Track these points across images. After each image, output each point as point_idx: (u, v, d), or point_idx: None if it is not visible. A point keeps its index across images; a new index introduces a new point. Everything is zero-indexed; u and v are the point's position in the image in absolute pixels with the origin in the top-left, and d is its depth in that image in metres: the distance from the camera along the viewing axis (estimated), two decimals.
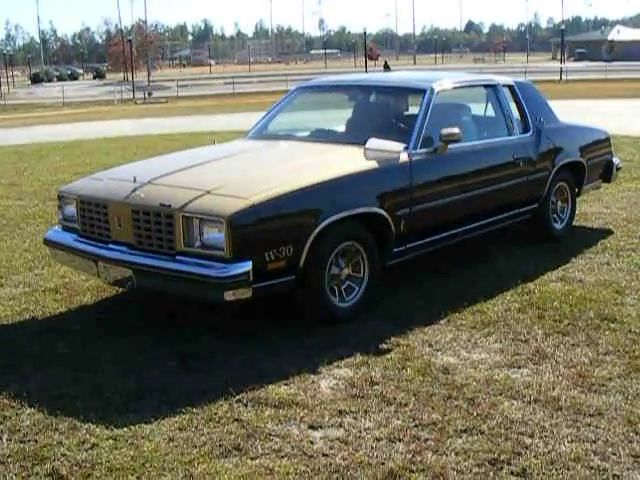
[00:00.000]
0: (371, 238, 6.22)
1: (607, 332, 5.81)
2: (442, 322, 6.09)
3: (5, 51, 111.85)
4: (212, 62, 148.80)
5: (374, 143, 6.45)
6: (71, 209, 6.51)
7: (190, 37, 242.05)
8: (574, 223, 9.05)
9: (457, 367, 5.23)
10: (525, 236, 8.46)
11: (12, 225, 10.18)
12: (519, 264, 7.58)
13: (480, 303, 6.45)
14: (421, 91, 7.09)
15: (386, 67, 60.93)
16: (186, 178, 6.07)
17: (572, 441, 4.21)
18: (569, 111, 20.47)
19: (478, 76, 8.88)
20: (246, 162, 6.69)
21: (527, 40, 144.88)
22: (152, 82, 74.67)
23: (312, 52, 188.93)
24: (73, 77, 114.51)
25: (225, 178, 6.02)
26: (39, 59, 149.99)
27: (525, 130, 7.99)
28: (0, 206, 11.64)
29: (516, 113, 8.04)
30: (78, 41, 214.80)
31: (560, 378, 5.01)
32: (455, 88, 7.57)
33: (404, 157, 6.50)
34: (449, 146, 6.75)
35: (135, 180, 5.96)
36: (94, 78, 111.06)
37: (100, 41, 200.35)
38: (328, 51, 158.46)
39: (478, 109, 8.12)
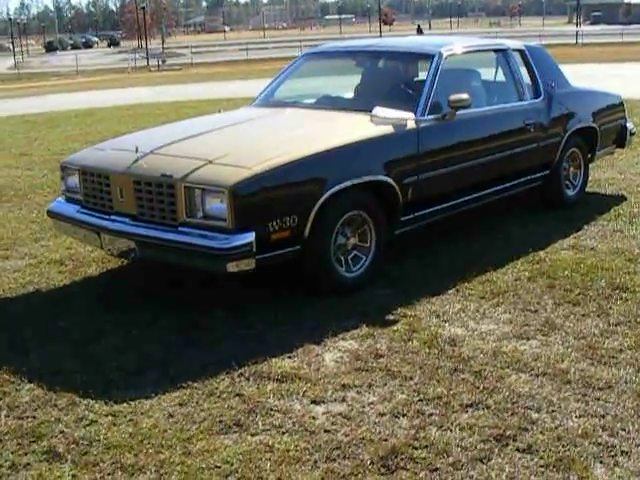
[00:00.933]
0: (378, 207, 6.09)
1: (619, 302, 5.68)
2: (450, 292, 5.97)
3: (19, 20, 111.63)
4: (226, 28, 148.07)
5: (380, 111, 6.31)
6: (74, 180, 6.41)
7: (204, 3, 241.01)
8: (587, 189, 8.89)
9: (464, 339, 5.12)
10: (537, 203, 8.32)
11: (20, 196, 10.11)
12: (530, 232, 7.46)
13: (490, 272, 6.33)
14: (429, 56, 6.92)
15: (419, 32, 60.44)
16: (189, 147, 5.96)
17: (580, 416, 4.09)
18: (584, 75, 20.26)
19: (488, 40, 8.70)
20: (250, 130, 6.57)
21: (543, 3, 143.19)
22: (166, 49, 74.39)
23: (327, 17, 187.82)
24: (87, 45, 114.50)
25: (228, 147, 5.90)
26: (54, 28, 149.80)
27: (536, 95, 7.83)
28: (9, 176, 11.57)
29: (527, 78, 7.87)
30: (92, 9, 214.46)
31: (569, 350, 4.89)
32: (464, 53, 7.39)
33: (411, 124, 6.36)
34: (458, 112, 6.60)
35: (137, 150, 5.85)
36: (108, 46, 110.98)
37: (114, 9, 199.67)
38: (343, 16, 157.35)
39: (488, 74, 7.95)
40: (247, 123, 6.82)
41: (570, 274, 6.25)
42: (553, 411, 4.15)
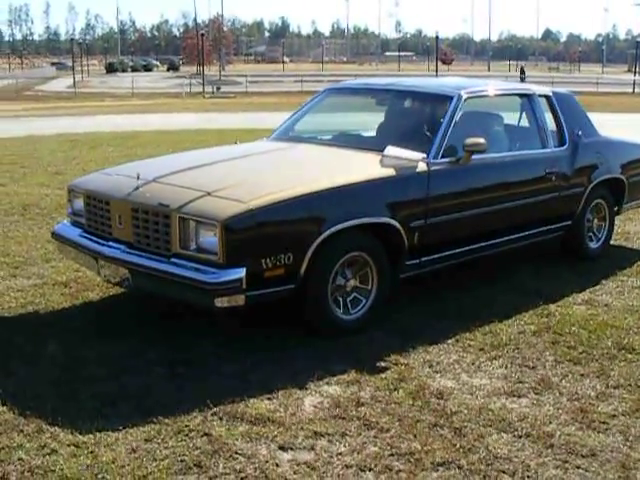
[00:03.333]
0: (382, 249, 5.94)
1: (622, 363, 5.45)
2: (450, 341, 5.79)
3: (82, 40, 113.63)
4: (286, 59, 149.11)
5: (392, 151, 6.19)
6: (79, 203, 6.37)
7: (267, 34, 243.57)
8: (613, 242, 8.66)
9: (453, 392, 4.93)
10: (557, 254, 8.10)
11: (44, 215, 10.12)
12: (545, 283, 7.23)
13: (494, 323, 6.13)
14: (448, 98, 6.78)
15: (522, 72, 60.13)
16: (191, 178, 5.88)
17: None
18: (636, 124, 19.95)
19: (514, 85, 8.54)
20: (258, 164, 6.46)
21: (603, 51, 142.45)
22: (225, 77, 75.04)
23: (387, 54, 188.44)
24: (147, 68, 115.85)
25: (230, 180, 5.80)
26: (116, 49, 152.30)
27: (560, 143, 7.63)
28: (39, 194, 11.61)
29: (552, 125, 7.68)
30: (156, 33, 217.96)
31: (560, 412, 4.68)
32: (486, 96, 7.25)
33: (422, 166, 6.22)
34: (474, 157, 6.44)
35: (139, 177, 5.79)
36: (168, 70, 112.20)
37: (177, 34, 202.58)
38: (403, 53, 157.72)
39: (512, 119, 7.78)
40: (256, 157, 6.73)
41: (577, 330, 6.03)
42: (528, 476, 3.96)
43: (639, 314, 6.46)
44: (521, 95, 7.74)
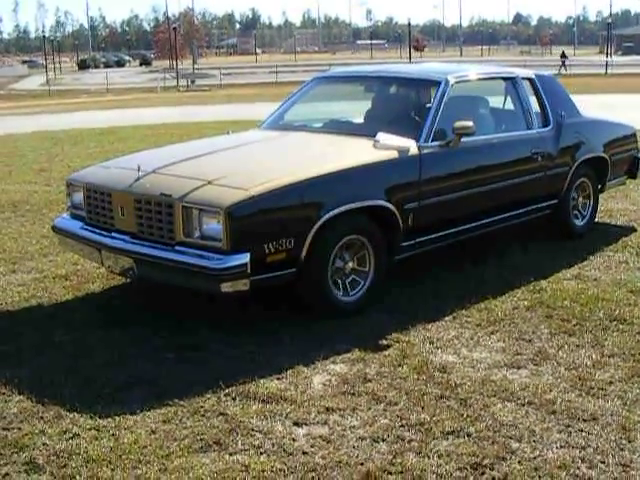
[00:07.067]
0: (378, 232, 6.11)
1: (615, 333, 5.65)
2: (447, 319, 5.97)
3: (52, 37, 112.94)
4: (258, 51, 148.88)
5: (383, 136, 6.34)
6: (79, 196, 6.49)
7: (237, 26, 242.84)
8: (598, 220, 8.87)
9: (455, 366, 5.11)
10: (544, 232, 8.29)
11: (35, 211, 10.21)
12: (535, 260, 7.43)
13: (489, 300, 6.32)
14: (436, 83, 6.95)
15: (563, 56, 60.60)
16: (190, 168, 6.01)
17: (561, 447, 4.07)
18: (609, 105, 20.21)
19: (497, 68, 8.72)
20: (253, 153, 6.61)
21: (574, 33, 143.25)
22: (197, 70, 74.75)
23: (359, 42, 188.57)
24: (120, 64, 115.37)
25: (229, 168, 5.96)
26: (88, 46, 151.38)
27: (545, 124, 7.81)
28: (27, 191, 11.69)
29: (536, 107, 7.86)
30: (127, 28, 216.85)
31: (559, 380, 4.87)
32: (472, 80, 7.42)
33: (414, 150, 6.38)
34: (463, 139, 6.61)
35: (139, 169, 5.91)
36: (140, 65, 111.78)
37: (148, 28, 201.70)
38: (375, 42, 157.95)
39: (497, 102, 7.96)
40: (251, 145, 6.87)
41: (569, 304, 6.23)
42: (534, 441, 4.14)
43: (627, 287, 6.66)
44: (505, 78, 7.90)
